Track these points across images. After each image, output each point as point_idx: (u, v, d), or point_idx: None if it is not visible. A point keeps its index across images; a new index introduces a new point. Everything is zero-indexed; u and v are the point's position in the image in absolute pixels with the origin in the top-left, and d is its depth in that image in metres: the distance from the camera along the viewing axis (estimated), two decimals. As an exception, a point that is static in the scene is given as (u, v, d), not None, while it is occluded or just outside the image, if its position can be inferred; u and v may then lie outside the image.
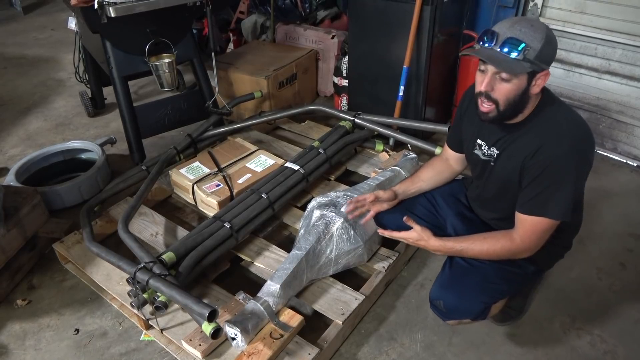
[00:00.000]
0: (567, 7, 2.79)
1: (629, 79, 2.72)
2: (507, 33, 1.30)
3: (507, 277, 1.59)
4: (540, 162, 1.37)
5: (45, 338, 1.90)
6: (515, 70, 1.30)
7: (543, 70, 1.32)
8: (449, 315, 1.59)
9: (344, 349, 1.83)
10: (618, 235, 2.33)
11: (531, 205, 1.41)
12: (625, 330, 1.87)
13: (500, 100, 1.36)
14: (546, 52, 1.30)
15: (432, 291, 1.63)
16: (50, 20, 5.45)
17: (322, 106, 2.90)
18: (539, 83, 1.34)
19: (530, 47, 1.27)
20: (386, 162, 2.61)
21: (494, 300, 1.60)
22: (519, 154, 1.43)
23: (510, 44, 1.29)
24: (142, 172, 2.50)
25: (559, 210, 1.38)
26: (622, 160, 2.88)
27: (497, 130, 1.50)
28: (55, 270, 2.19)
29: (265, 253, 2.09)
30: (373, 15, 2.74)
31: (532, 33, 1.28)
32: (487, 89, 1.36)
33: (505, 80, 1.33)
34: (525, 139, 1.42)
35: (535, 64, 1.30)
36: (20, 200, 2.16)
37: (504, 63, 1.30)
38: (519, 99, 1.35)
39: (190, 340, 1.69)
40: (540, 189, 1.38)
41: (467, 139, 1.65)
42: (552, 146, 1.35)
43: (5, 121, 3.44)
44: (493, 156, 1.53)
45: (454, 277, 1.60)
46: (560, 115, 1.41)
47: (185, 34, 2.72)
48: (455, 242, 1.55)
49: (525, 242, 1.45)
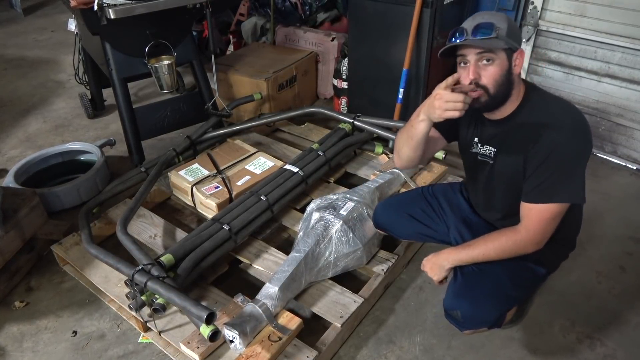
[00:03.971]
0: (566, 10, 2.80)
1: (628, 82, 2.72)
2: (474, 23, 1.38)
3: (519, 282, 1.58)
4: (544, 149, 1.37)
5: (43, 340, 1.89)
6: (494, 45, 1.35)
7: (517, 49, 1.38)
8: (465, 324, 1.56)
9: (343, 352, 1.82)
10: (618, 238, 2.33)
11: (537, 193, 1.41)
12: (625, 334, 1.87)
13: (488, 84, 1.39)
14: (513, 30, 1.37)
15: (447, 300, 1.59)
16: (50, 22, 5.46)
17: (322, 108, 2.90)
18: (518, 63, 1.40)
19: (499, 26, 1.35)
20: (386, 164, 2.61)
21: (507, 307, 1.58)
22: (519, 146, 1.43)
23: (482, 28, 1.36)
24: (141, 173, 2.50)
25: (567, 193, 1.38)
26: (622, 163, 2.87)
27: (489, 127, 1.52)
28: (54, 272, 2.18)
29: (264, 255, 2.08)
30: (373, 17, 2.74)
31: (495, 17, 1.38)
32: (475, 77, 1.38)
33: (489, 62, 1.37)
34: (523, 130, 1.43)
35: (509, 41, 1.35)
36: (19, 201, 2.16)
37: (484, 42, 1.35)
38: (506, 80, 1.39)
39: (188, 342, 1.68)
40: (545, 176, 1.38)
41: (463, 140, 1.64)
42: (553, 132, 1.37)
43: (4, 122, 3.44)
44: (490, 155, 1.53)
45: (468, 285, 1.57)
46: (551, 102, 1.45)
47: (185, 36, 2.72)
48: (463, 248, 1.55)
49: (531, 232, 1.44)
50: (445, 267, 1.57)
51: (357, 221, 1.99)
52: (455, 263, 1.56)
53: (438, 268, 1.58)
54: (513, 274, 1.56)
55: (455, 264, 1.57)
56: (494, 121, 1.49)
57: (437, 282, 1.61)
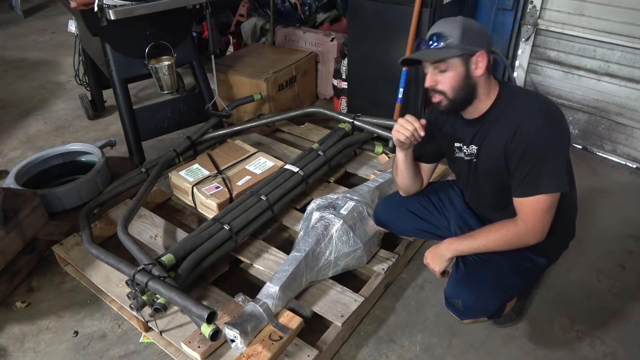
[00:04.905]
0: (565, 9, 2.80)
1: (627, 81, 2.72)
2: (429, 33, 1.45)
3: (520, 272, 1.61)
4: (520, 143, 1.41)
5: (44, 340, 1.89)
6: (440, 56, 1.41)
7: (477, 52, 1.41)
8: (466, 313, 1.59)
9: (344, 351, 1.83)
10: (618, 237, 2.33)
11: (524, 187, 1.44)
12: (625, 332, 1.87)
13: (446, 90, 1.46)
14: (469, 35, 1.40)
15: (448, 289, 1.63)
16: (50, 24, 5.47)
17: (322, 108, 2.91)
18: (480, 65, 1.42)
19: (450, 35, 1.40)
20: (385, 164, 2.61)
21: (508, 297, 1.62)
22: (498, 142, 1.47)
23: (432, 39, 1.43)
24: (142, 174, 2.50)
25: (553, 183, 1.41)
26: (622, 162, 2.88)
27: (469, 127, 1.55)
28: (55, 272, 2.18)
29: (264, 255, 2.08)
30: (372, 17, 2.74)
31: (449, 25, 1.42)
32: (431, 84, 1.47)
33: (442, 70, 1.43)
34: (499, 126, 1.47)
35: (461, 48, 1.40)
36: (20, 202, 2.16)
37: (429, 54, 1.43)
38: (465, 84, 1.44)
39: (189, 342, 1.68)
40: (527, 169, 1.42)
41: (446, 149, 1.68)
42: (526, 125, 1.41)
43: (5, 124, 3.44)
44: (474, 153, 1.57)
45: (470, 274, 1.61)
46: (523, 97, 1.49)
47: (185, 36, 2.73)
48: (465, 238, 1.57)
49: (529, 224, 1.46)
50: (446, 257, 1.58)
51: (358, 220, 1.99)
52: (456, 253, 1.59)
53: (439, 258, 1.60)
54: (514, 264, 1.59)
55: (455, 254, 1.59)
56: (471, 120, 1.54)
57: (439, 273, 1.61)
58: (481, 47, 1.41)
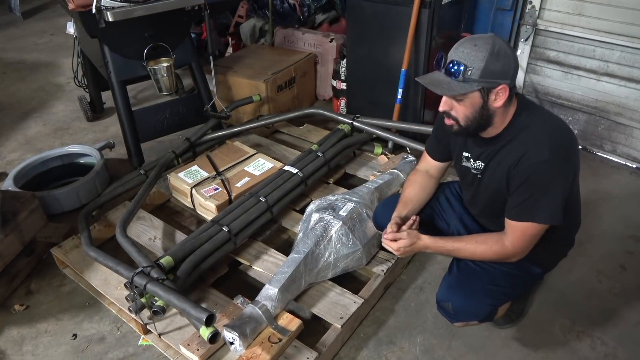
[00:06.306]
0: (565, 9, 2.80)
1: (627, 81, 2.72)
2: (452, 55, 1.35)
3: (514, 281, 1.61)
4: (523, 170, 1.39)
5: (43, 343, 1.89)
6: (455, 91, 1.34)
7: (499, 85, 1.33)
8: (456, 317, 1.61)
9: (343, 353, 1.82)
10: (618, 237, 2.32)
11: (518, 211, 1.43)
12: (625, 333, 1.86)
13: (459, 118, 1.42)
14: (493, 67, 1.31)
15: (440, 292, 1.64)
16: (49, 25, 5.46)
17: (321, 109, 2.90)
18: (500, 97, 1.35)
19: (472, 67, 1.31)
20: (385, 165, 2.61)
21: (500, 303, 1.63)
22: (504, 164, 1.45)
23: (451, 68, 1.34)
24: (141, 176, 2.49)
25: (546, 215, 1.41)
26: (622, 162, 2.87)
27: (480, 143, 1.52)
28: (53, 275, 2.18)
29: (263, 257, 2.08)
30: (371, 18, 2.74)
31: (473, 53, 1.31)
32: (445, 109, 1.43)
33: (458, 100, 1.38)
34: (508, 149, 1.44)
35: (482, 82, 1.32)
36: (19, 204, 2.15)
37: (444, 86, 1.35)
38: (479, 115, 1.39)
39: (188, 344, 1.68)
40: (525, 196, 1.40)
41: (454, 151, 1.67)
42: (533, 154, 1.37)
43: (4, 126, 3.44)
44: (480, 169, 1.55)
45: (462, 279, 1.61)
46: (538, 122, 1.42)
47: (183, 38, 2.73)
48: (447, 242, 1.57)
49: (517, 247, 1.47)
50: (416, 251, 1.61)
51: (357, 222, 1.99)
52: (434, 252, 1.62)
53: (410, 252, 1.61)
54: (508, 272, 1.59)
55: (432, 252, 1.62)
56: (484, 139, 1.51)
57: (396, 251, 1.60)
58: (505, 79, 1.33)
